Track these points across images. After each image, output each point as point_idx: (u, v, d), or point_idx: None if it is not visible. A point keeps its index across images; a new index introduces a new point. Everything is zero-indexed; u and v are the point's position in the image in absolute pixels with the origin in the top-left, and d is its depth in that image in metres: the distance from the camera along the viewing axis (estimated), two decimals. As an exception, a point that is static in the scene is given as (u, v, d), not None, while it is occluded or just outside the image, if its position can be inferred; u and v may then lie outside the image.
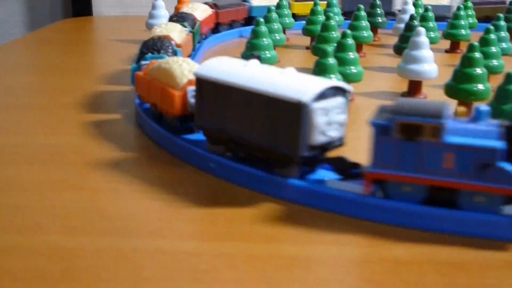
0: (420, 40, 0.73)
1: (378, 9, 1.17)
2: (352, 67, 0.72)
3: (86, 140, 0.60)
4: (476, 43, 0.64)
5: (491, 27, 0.79)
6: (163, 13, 1.10)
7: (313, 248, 0.40)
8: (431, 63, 0.73)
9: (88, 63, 1.00)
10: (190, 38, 0.88)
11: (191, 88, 0.54)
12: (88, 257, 0.39)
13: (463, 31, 1.04)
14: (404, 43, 0.89)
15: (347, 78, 0.72)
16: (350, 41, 0.72)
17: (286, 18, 1.13)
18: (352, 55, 0.72)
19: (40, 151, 0.57)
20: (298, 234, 0.41)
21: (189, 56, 0.87)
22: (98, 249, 0.39)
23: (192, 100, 0.54)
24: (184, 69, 0.57)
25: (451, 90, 0.65)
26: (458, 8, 1.05)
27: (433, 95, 0.75)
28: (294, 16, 1.22)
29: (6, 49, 1.14)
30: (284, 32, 1.15)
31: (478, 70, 0.64)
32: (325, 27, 0.86)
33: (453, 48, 1.06)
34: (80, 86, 0.80)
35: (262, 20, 0.81)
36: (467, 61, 0.64)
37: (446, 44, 1.08)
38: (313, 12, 1.06)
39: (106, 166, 0.53)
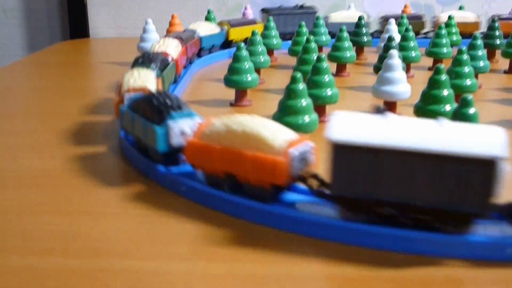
0: (392, 62, 0.76)
1: (363, 28, 1.20)
2: (328, 89, 0.75)
3: (70, 164, 0.63)
4: (442, 66, 0.67)
5: (464, 48, 0.82)
6: (154, 36, 1.14)
7: (267, 266, 0.43)
8: (403, 84, 0.76)
9: (80, 86, 1.03)
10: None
11: (295, 151, 0.48)
12: (60, 278, 0.41)
13: (444, 49, 1.07)
14: (381, 63, 0.92)
15: (322, 100, 0.75)
16: (325, 65, 0.75)
17: (274, 39, 1.17)
18: (327, 78, 0.75)
19: (24, 175, 0.60)
20: (256, 253, 0.44)
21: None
22: (71, 269, 0.42)
23: (299, 165, 0.49)
24: (274, 129, 0.49)
25: (420, 111, 0.68)
26: (440, 27, 1.08)
27: (409, 114, 0.78)
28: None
29: (3, 72, 1.17)
30: (272, 52, 1.19)
31: (445, 92, 0.67)
32: (305, 50, 0.89)
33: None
34: (70, 111, 0.83)
35: (242, 45, 0.84)
36: (434, 83, 0.67)
37: (430, 61, 1.11)
38: (298, 33, 1.10)
39: (85, 190, 0.56)
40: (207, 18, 1.33)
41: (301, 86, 0.63)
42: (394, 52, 0.76)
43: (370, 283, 0.40)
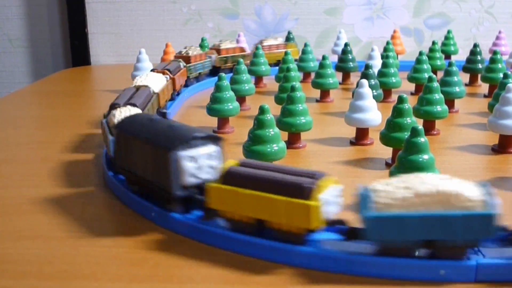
0: (363, 91, 0.80)
1: (349, 54, 1.24)
2: (302, 117, 0.79)
3: (54, 191, 0.67)
4: (404, 96, 0.71)
5: (433, 76, 0.86)
6: (147, 65, 1.19)
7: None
8: (374, 111, 0.80)
9: (79, 115, 1.07)
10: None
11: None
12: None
13: (426, 75, 1.11)
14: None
15: (297, 128, 0.79)
16: (298, 94, 0.79)
17: (262, 66, 1.21)
18: (300, 107, 0.79)
19: (11, 202, 0.65)
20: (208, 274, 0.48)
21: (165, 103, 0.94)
22: (42, 291, 0.47)
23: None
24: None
25: (385, 138, 0.72)
26: (420, 53, 1.12)
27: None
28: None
29: (5, 101, 1.23)
30: (261, 79, 1.24)
31: (408, 120, 0.71)
32: (286, 78, 0.94)
33: (418, 91, 1.13)
34: (65, 140, 0.88)
35: (223, 75, 0.88)
36: (397, 112, 0.71)
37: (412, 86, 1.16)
38: (284, 60, 1.14)
39: (64, 216, 0.60)
40: (201, 46, 1.39)
41: (269, 116, 0.67)
42: (364, 82, 0.81)
43: None
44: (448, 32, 1.47)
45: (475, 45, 1.22)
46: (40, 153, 0.83)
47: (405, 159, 0.58)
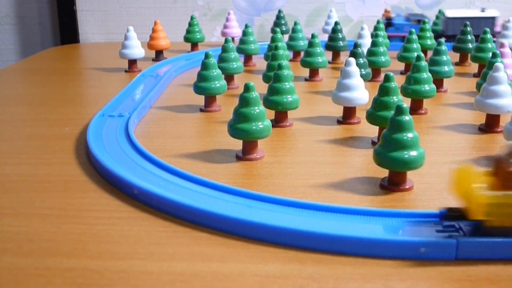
0: (350, 69, 0.80)
1: (339, 33, 1.23)
2: (288, 96, 0.79)
3: (37, 169, 0.67)
4: (390, 74, 0.71)
5: (422, 55, 0.85)
6: (135, 43, 1.18)
7: (194, 265, 0.46)
8: (361, 90, 0.80)
9: (67, 93, 1.06)
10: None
11: None
12: (8, 275, 0.45)
13: (415, 54, 1.10)
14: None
15: (283, 106, 0.79)
16: (285, 72, 0.78)
17: (252, 45, 1.20)
18: (287, 85, 0.78)
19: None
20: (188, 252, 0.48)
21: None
22: (20, 268, 0.46)
23: None
24: None
25: (371, 117, 0.72)
26: (410, 33, 1.12)
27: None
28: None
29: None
30: (251, 58, 1.23)
31: (394, 98, 0.70)
32: (273, 56, 0.93)
33: (407, 70, 1.12)
34: (47, 117, 0.87)
35: (210, 52, 0.87)
36: (383, 90, 0.71)
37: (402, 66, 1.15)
38: (273, 39, 1.13)
39: (47, 193, 0.60)
40: (190, 24, 1.37)
41: (254, 94, 0.67)
42: (351, 60, 0.80)
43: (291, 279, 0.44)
44: (439, 11, 1.46)
45: (466, 25, 1.21)
46: (25, 131, 0.82)
47: (389, 137, 0.57)
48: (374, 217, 0.51)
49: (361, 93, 0.79)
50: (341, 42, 1.23)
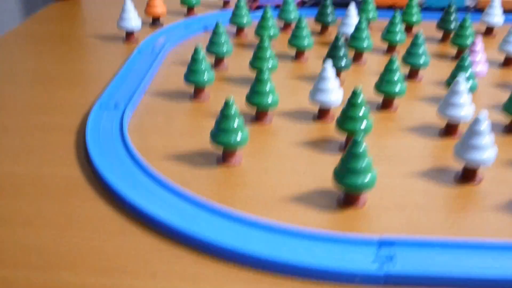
0: (325, 75, 0.87)
1: (328, 8, 1.28)
2: (268, 98, 0.86)
3: (35, 171, 0.76)
4: (358, 91, 0.78)
5: (394, 57, 0.91)
6: (133, 15, 1.23)
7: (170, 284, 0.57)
8: (336, 93, 0.87)
9: (65, 70, 1.14)
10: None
11: None
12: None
13: (398, 36, 1.16)
14: (330, 56, 1.02)
15: (262, 108, 0.87)
16: (266, 76, 0.86)
17: (245, 18, 1.26)
18: (268, 87, 0.86)
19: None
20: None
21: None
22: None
23: None
24: None
25: (339, 127, 0.80)
26: (394, 15, 1.17)
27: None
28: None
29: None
30: (242, 30, 1.29)
31: (360, 114, 0.78)
32: (261, 40, 1.00)
33: (390, 51, 1.19)
34: (49, 101, 0.96)
35: (199, 49, 0.94)
36: (350, 105, 0.78)
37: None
38: (263, 18, 1.19)
39: (45, 201, 0.70)
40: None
41: (233, 111, 0.75)
42: (327, 66, 0.87)
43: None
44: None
45: (449, 5, 1.25)
46: (24, 121, 0.89)
47: (345, 164, 0.66)
48: (320, 242, 0.61)
49: (335, 96, 0.87)
50: (330, 17, 1.28)
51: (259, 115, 0.88)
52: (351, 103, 0.78)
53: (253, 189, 0.72)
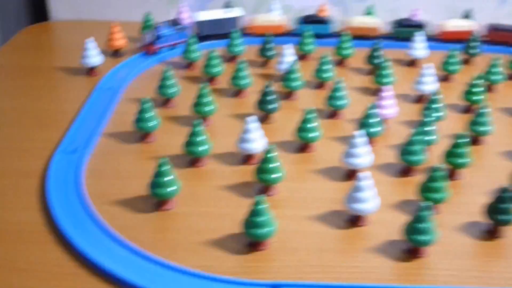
0: (249, 127, 1.03)
1: (270, 44, 1.44)
2: (202, 147, 1.02)
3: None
4: (271, 148, 0.94)
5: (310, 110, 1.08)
6: (93, 53, 1.38)
7: None
8: (258, 142, 1.03)
9: (30, 108, 1.29)
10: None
11: None
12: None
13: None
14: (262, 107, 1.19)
15: (196, 156, 1.03)
16: (200, 129, 1.02)
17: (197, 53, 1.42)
18: (201, 137, 1.02)
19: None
20: None
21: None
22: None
23: None
24: None
25: (256, 178, 0.96)
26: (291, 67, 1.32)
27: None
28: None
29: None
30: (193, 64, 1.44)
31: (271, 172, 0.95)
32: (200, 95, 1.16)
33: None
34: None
35: (147, 99, 1.10)
36: (260, 169, 0.95)
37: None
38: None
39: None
40: (145, 21, 1.56)
41: (167, 168, 0.91)
42: (251, 119, 1.02)
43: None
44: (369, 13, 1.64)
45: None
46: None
47: (249, 218, 0.83)
48: (226, 285, 0.77)
49: (257, 145, 1.03)
50: (271, 52, 1.45)
51: (193, 160, 1.05)
52: (265, 157, 0.95)
53: (175, 234, 0.88)
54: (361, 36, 1.56)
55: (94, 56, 1.37)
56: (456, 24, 1.59)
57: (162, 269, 0.80)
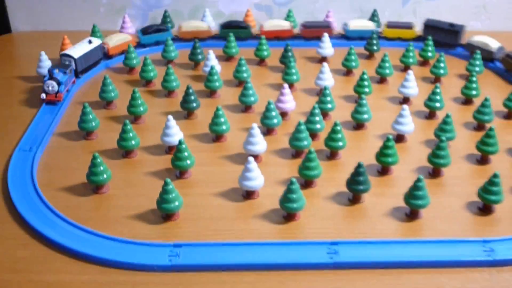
0: (169, 124, 1.28)
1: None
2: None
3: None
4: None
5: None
6: (48, 64, 1.62)
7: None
8: (176, 135, 1.29)
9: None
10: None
11: None
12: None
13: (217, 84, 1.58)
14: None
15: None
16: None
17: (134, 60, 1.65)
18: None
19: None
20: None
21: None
22: None
23: None
24: None
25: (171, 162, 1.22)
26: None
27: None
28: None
29: None
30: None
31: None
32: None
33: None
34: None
35: (86, 104, 1.34)
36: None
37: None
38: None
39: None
40: (93, 31, 1.80)
41: (99, 160, 1.16)
42: (170, 117, 1.28)
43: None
44: (290, 11, 1.89)
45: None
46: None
47: (161, 197, 1.09)
48: (144, 247, 1.02)
49: (176, 138, 1.29)
50: (199, 55, 1.69)
51: (126, 152, 1.30)
52: (178, 148, 1.20)
53: (111, 211, 1.13)
54: (277, 38, 1.82)
55: (47, 66, 1.61)
56: (275, 24, 1.80)
57: (96, 238, 1.05)
